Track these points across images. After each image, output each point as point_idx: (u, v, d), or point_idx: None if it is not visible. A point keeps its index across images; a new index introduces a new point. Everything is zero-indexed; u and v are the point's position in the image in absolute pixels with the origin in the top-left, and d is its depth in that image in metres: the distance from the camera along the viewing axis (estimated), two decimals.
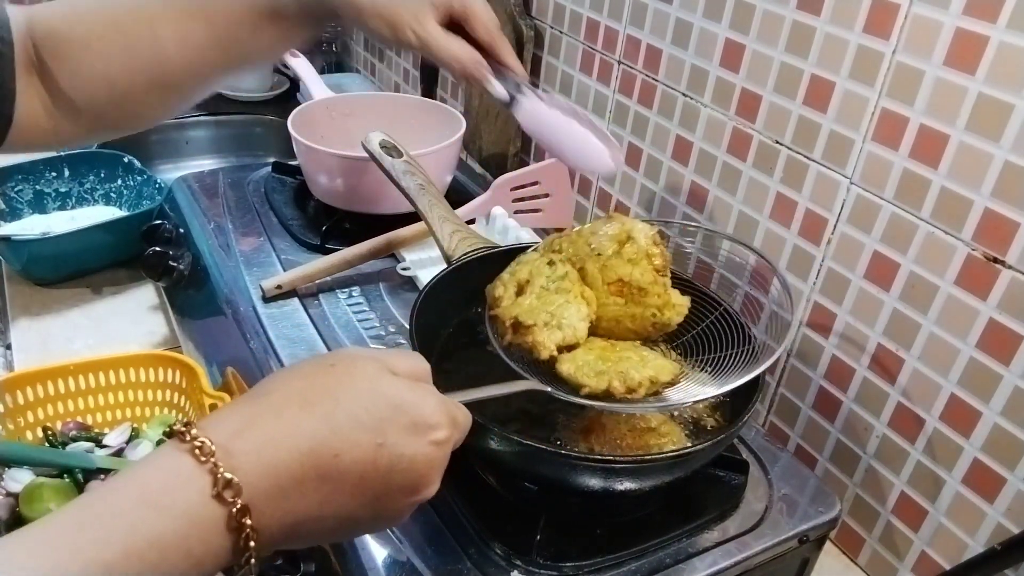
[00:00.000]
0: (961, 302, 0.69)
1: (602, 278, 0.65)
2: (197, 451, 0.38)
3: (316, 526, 0.41)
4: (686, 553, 0.64)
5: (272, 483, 0.39)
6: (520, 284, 0.65)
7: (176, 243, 1.05)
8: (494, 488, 0.68)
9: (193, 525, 0.37)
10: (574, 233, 0.68)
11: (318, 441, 0.40)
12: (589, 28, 1.08)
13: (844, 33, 0.74)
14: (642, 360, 0.61)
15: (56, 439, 0.81)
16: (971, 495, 0.71)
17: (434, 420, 0.44)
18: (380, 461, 0.41)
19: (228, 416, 0.41)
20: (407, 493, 0.43)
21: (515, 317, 0.61)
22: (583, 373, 0.59)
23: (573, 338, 0.62)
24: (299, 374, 0.44)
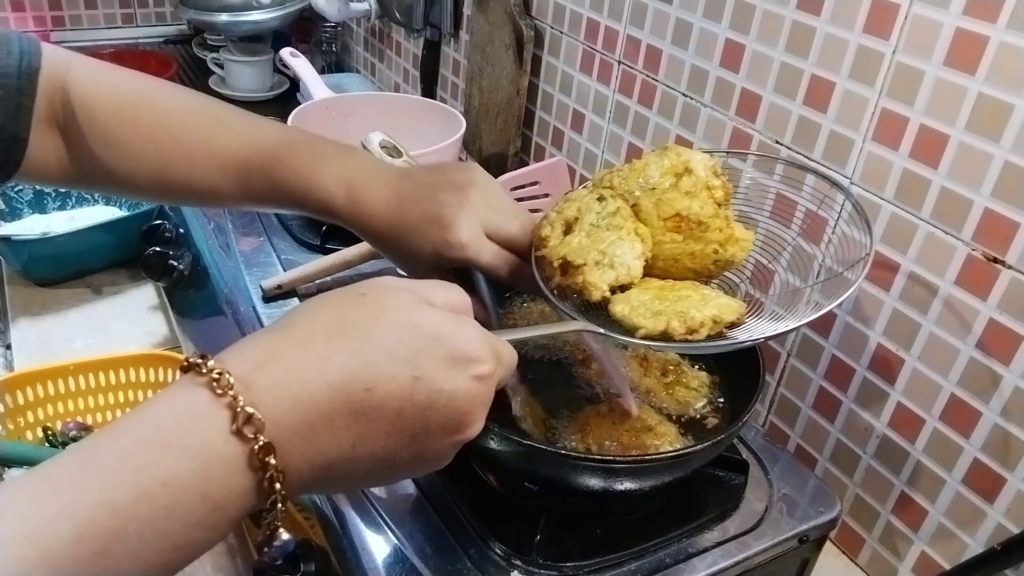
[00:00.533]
0: (961, 302, 0.69)
1: (657, 213, 0.59)
2: (214, 384, 0.35)
3: (350, 467, 0.38)
4: (686, 553, 0.64)
5: (299, 419, 0.36)
6: (568, 222, 0.60)
7: (176, 243, 1.05)
8: (494, 488, 0.68)
9: (210, 464, 0.34)
10: (626, 168, 0.63)
11: (348, 374, 0.37)
12: (589, 28, 1.08)
13: (844, 33, 0.74)
14: (703, 299, 0.56)
15: (56, 439, 0.81)
16: (971, 495, 0.71)
17: (476, 353, 0.40)
18: (417, 396, 0.38)
19: (248, 348, 0.38)
20: (448, 432, 0.40)
21: (563, 257, 0.57)
22: (638, 314, 0.54)
23: (627, 277, 0.56)
24: (327, 305, 0.41)
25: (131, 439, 0.34)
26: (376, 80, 1.79)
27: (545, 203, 1.02)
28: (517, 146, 1.26)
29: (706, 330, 0.53)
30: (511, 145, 1.25)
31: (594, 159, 1.12)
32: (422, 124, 1.12)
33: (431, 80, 1.51)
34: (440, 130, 1.07)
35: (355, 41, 1.86)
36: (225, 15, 1.63)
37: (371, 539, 0.62)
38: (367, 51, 1.81)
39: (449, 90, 1.49)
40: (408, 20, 1.49)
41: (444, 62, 1.48)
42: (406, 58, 1.62)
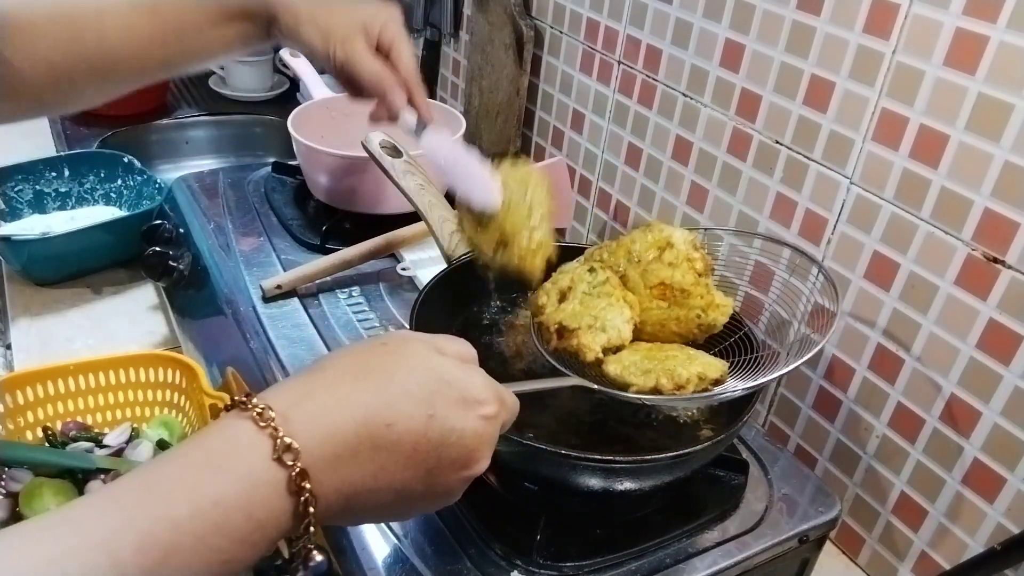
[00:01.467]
0: (961, 302, 0.69)
1: (644, 282, 0.66)
2: (258, 417, 0.39)
3: (372, 498, 0.42)
4: (686, 553, 0.64)
5: (329, 450, 0.40)
6: (562, 291, 0.66)
7: (176, 243, 1.05)
8: (494, 488, 0.68)
9: (255, 487, 0.38)
10: (613, 244, 0.70)
11: (371, 412, 0.41)
12: (589, 28, 1.08)
13: (844, 33, 0.74)
14: (689, 358, 0.61)
15: (56, 439, 0.81)
16: (971, 495, 0.71)
17: (482, 396, 0.45)
18: (431, 433, 0.42)
19: (285, 389, 0.42)
20: (458, 467, 0.44)
21: (559, 322, 0.63)
22: (630, 372, 0.60)
23: (618, 339, 0.63)
24: (352, 352, 0.45)
25: (186, 463, 0.38)
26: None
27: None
28: (517, 146, 1.26)
29: (692, 386, 0.59)
30: (511, 145, 1.25)
31: (594, 159, 1.12)
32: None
33: (431, 80, 1.51)
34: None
35: None
36: None
37: (371, 539, 0.62)
38: None
39: (449, 90, 1.49)
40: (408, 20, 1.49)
41: (444, 62, 1.48)
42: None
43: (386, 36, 0.72)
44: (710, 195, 0.93)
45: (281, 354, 0.81)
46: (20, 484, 0.75)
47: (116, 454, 0.81)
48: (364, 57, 0.70)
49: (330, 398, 0.42)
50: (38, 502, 0.73)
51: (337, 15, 0.71)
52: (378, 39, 0.71)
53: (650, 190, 1.03)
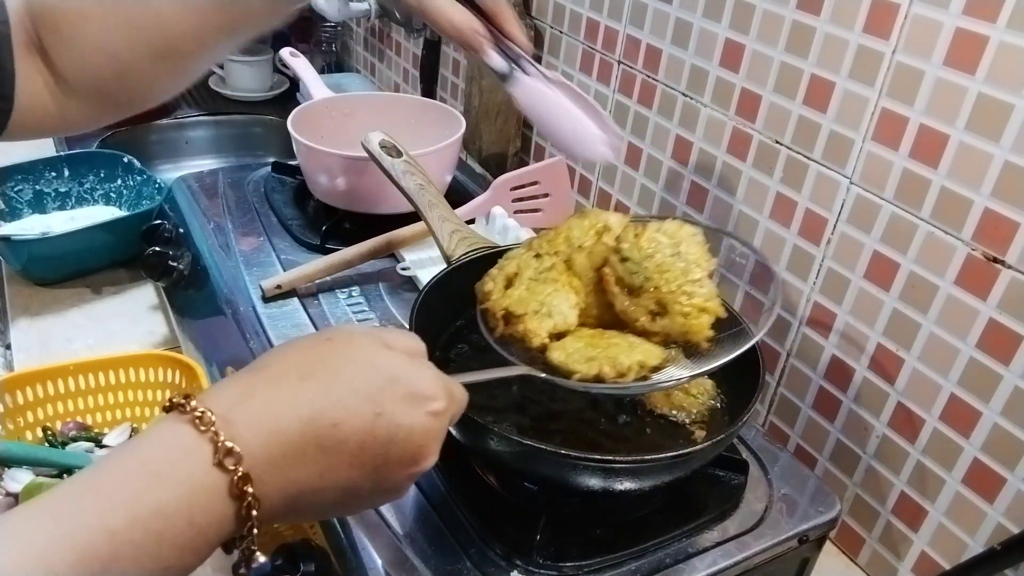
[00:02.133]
0: (961, 302, 0.69)
1: (590, 264, 0.65)
2: (197, 421, 0.38)
3: (317, 498, 0.42)
4: (686, 553, 0.64)
5: (273, 451, 0.39)
6: (508, 277, 0.66)
7: (176, 243, 1.05)
8: (494, 488, 0.68)
9: (195, 493, 0.37)
10: (551, 232, 0.69)
11: (316, 410, 0.40)
12: (589, 28, 1.08)
13: (844, 33, 0.74)
14: (630, 346, 0.61)
15: (56, 439, 0.81)
16: (971, 495, 0.71)
17: (431, 391, 0.44)
18: (378, 431, 0.42)
19: (226, 388, 0.41)
20: (406, 464, 0.44)
21: (506, 308, 0.62)
22: (573, 360, 0.59)
23: (564, 325, 0.62)
24: (296, 348, 0.44)
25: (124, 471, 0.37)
26: (376, 80, 1.79)
27: (545, 203, 1.02)
28: (517, 146, 1.26)
29: (633, 374, 0.59)
30: (511, 145, 1.25)
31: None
32: (422, 124, 1.12)
33: (431, 80, 1.51)
34: (440, 130, 1.07)
35: (355, 41, 1.86)
36: None
37: (371, 539, 0.62)
38: (367, 51, 1.81)
39: (449, 90, 1.49)
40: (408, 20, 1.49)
41: (444, 62, 1.48)
42: (406, 58, 1.62)
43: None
44: (710, 195, 0.93)
45: None
46: (20, 484, 0.75)
47: None
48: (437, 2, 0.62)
49: (274, 397, 0.41)
50: None
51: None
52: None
53: (650, 190, 1.03)
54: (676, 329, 0.61)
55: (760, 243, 0.87)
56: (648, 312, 0.62)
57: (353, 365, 0.43)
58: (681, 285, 0.60)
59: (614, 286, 0.63)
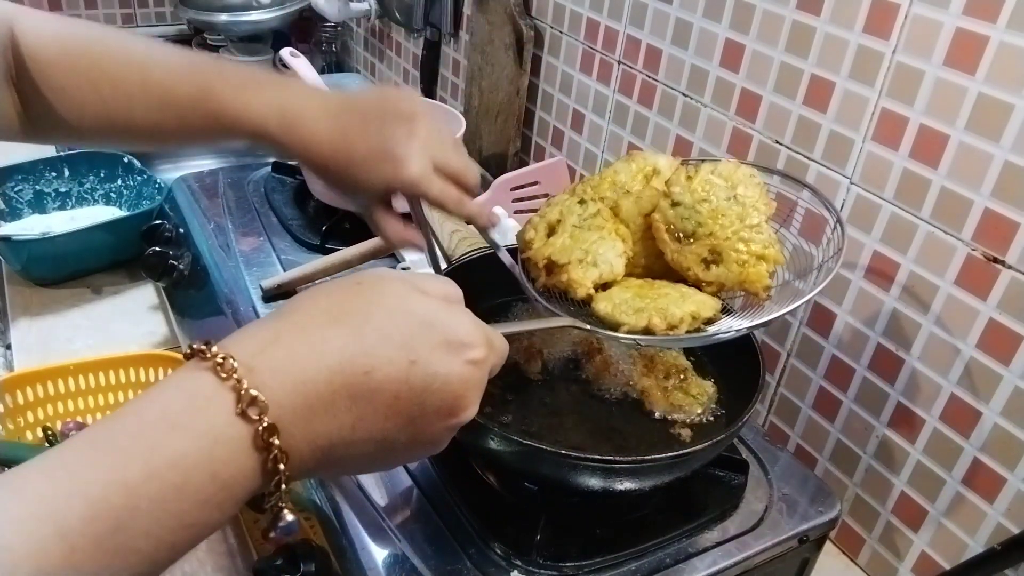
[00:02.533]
0: (961, 302, 0.69)
1: (638, 210, 0.61)
2: (218, 368, 0.36)
3: (350, 451, 0.40)
4: (686, 553, 0.64)
5: (300, 401, 0.37)
6: (551, 225, 0.62)
7: (176, 243, 1.05)
8: (494, 488, 0.68)
9: (217, 445, 0.35)
10: (596, 177, 0.65)
11: (347, 358, 0.38)
12: (589, 28, 1.08)
13: (844, 33, 0.74)
14: (682, 296, 0.58)
15: (56, 439, 0.81)
16: (971, 495, 0.71)
17: (469, 338, 0.42)
18: (413, 379, 0.40)
19: (251, 334, 0.39)
20: (443, 415, 0.41)
21: (548, 257, 0.59)
22: (621, 311, 0.56)
23: (610, 275, 0.59)
24: (324, 292, 0.42)
25: (140, 421, 0.35)
26: (376, 80, 1.79)
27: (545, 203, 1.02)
28: (517, 146, 1.26)
29: (685, 325, 0.55)
30: (511, 145, 1.25)
31: (594, 159, 1.12)
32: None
33: (431, 80, 1.51)
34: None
35: (355, 41, 1.86)
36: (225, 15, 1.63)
37: (371, 539, 0.62)
38: (367, 51, 1.81)
39: (449, 90, 1.49)
40: (408, 20, 1.49)
41: (444, 62, 1.48)
42: (406, 58, 1.62)
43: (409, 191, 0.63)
44: None
45: None
46: None
47: None
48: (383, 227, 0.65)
49: (300, 344, 0.38)
50: None
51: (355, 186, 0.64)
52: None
53: None
54: (732, 278, 0.57)
55: None
56: (701, 260, 0.58)
57: (385, 310, 0.41)
58: (737, 231, 0.56)
59: (664, 233, 0.59)
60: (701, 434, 0.67)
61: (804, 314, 0.84)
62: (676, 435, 0.67)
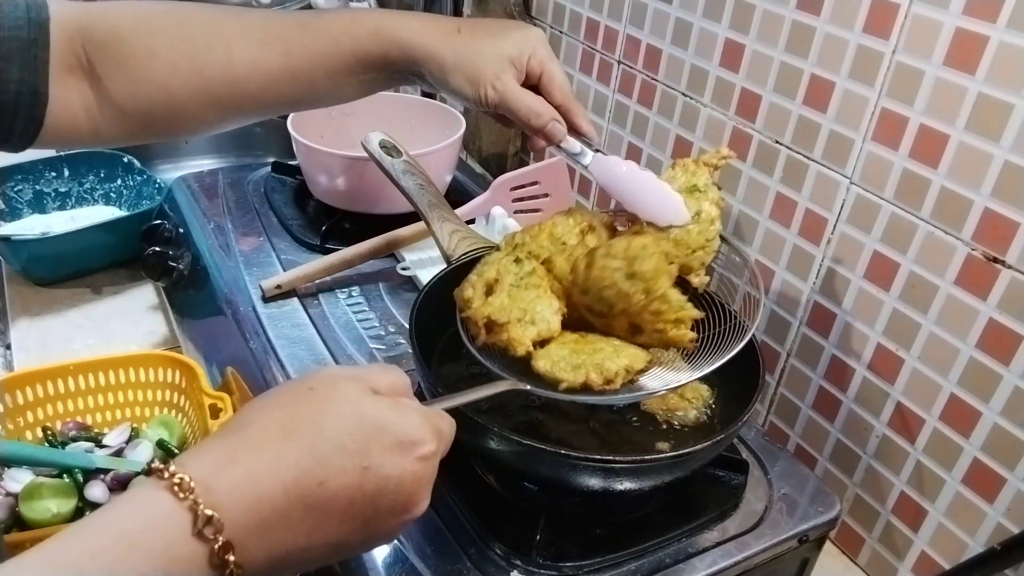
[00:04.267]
0: (961, 302, 0.69)
1: (570, 267, 0.64)
2: (176, 488, 0.37)
3: (305, 555, 0.41)
4: (686, 553, 0.64)
5: (256, 517, 0.38)
6: (488, 284, 0.64)
7: (176, 243, 1.05)
8: (494, 488, 0.68)
9: (174, 564, 0.36)
10: (535, 228, 0.68)
11: (302, 471, 0.40)
12: (589, 28, 1.08)
13: (844, 33, 0.74)
14: (615, 350, 0.60)
15: (56, 439, 0.81)
16: (971, 495, 0.71)
17: (418, 436, 0.43)
18: (367, 485, 0.41)
19: (207, 452, 0.40)
20: (397, 513, 0.43)
21: (488, 316, 0.61)
22: (560, 368, 0.58)
23: (547, 332, 0.61)
24: (278, 403, 0.43)
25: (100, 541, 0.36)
26: None
27: (545, 203, 1.02)
28: (517, 146, 1.26)
29: (620, 379, 0.58)
30: (511, 145, 1.25)
31: None
32: (422, 124, 1.12)
33: None
34: (440, 130, 1.07)
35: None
36: None
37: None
38: None
39: None
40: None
41: None
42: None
43: (535, 64, 0.66)
44: None
45: (281, 354, 0.81)
46: (20, 484, 0.75)
47: (116, 454, 0.81)
48: (516, 95, 0.65)
49: (256, 460, 0.39)
50: (38, 502, 0.73)
51: (482, 54, 0.65)
52: (527, 69, 0.66)
53: None
54: (658, 342, 0.61)
55: (760, 243, 0.87)
56: (625, 330, 0.61)
57: (338, 417, 0.42)
58: (646, 306, 0.59)
59: (586, 312, 0.63)
60: (699, 434, 0.67)
61: (804, 314, 0.84)
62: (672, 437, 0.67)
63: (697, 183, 0.67)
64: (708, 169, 0.68)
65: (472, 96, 0.65)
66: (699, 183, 0.67)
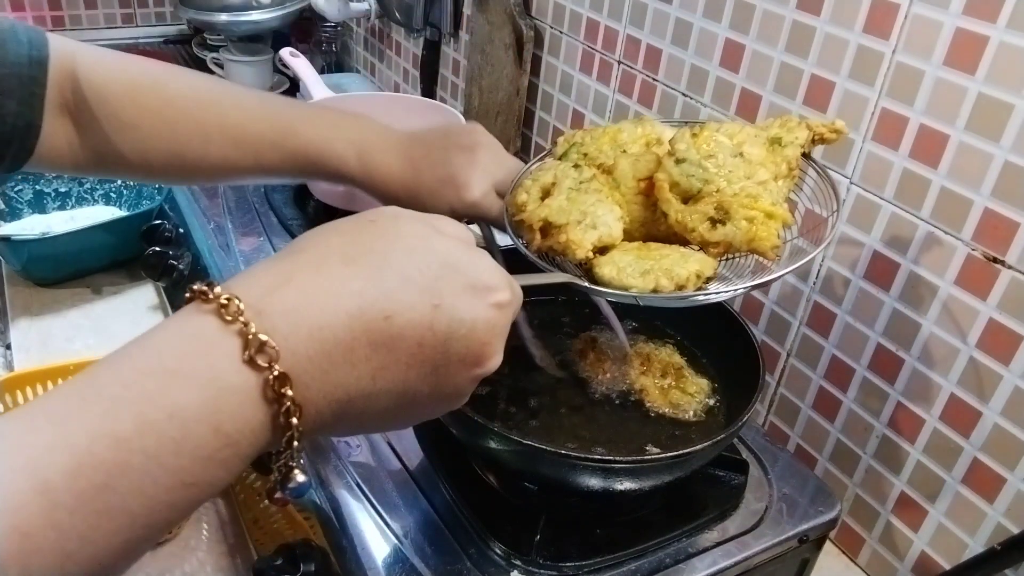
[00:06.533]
0: (961, 302, 0.69)
1: (633, 172, 0.59)
2: (222, 310, 0.32)
3: (369, 403, 0.36)
4: (686, 553, 0.64)
5: (316, 348, 0.34)
6: (544, 188, 0.59)
7: (176, 243, 1.05)
8: (494, 488, 0.68)
9: (221, 395, 0.32)
10: (597, 130, 0.63)
11: (367, 301, 0.35)
12: (589, 28, 1.08)
13: (844, 33, 0.74)
14: (683, 256, 0.55)
15: None
16: (971, 495, 0.71)
17: (493, 281, 0.39)
18: (438, 325, 0.37)
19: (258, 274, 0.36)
20: (469, 364, 0.39)
21: (544, 218, 0.56)
22: (626, 274, 0.53)
23: (608, 238, 0.56)
24: (336, 230, 0.39)
25: (134, 367, 0.32)
26: (376, 80, 1.79)
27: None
28: (517, 146, 1.26)
29: (692, 285, 0.53)
30: (511, 145, 1.25)
31: None
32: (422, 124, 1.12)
33: (431, 80, 1.51)
34: None
35: (355, 41, 1.86)
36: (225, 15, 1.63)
37: (371, 539, 0.62)
38: (367, 51, 1.81)
39: (449, 90, 1.49)
40: (408, 20, 1.49)
41: (444, 62, 1.48)
42: (406, 58, 1.62)
43: None
44: None
45: None
46: None
47: None
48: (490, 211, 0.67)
49: (315, 286, 0.35)
50: None
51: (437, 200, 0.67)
52: None
53: None
54: (740, 236, 0.53)
55: None
56: (707, 219, 0.54)
57: (404, 250, 0.37)
58: (745, 187, 0.53)
59: (668, 192, 0.56)
60: (701, 433, 0.67)
61: (804, 314, 0.84)
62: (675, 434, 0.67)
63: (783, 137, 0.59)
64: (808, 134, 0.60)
65: None
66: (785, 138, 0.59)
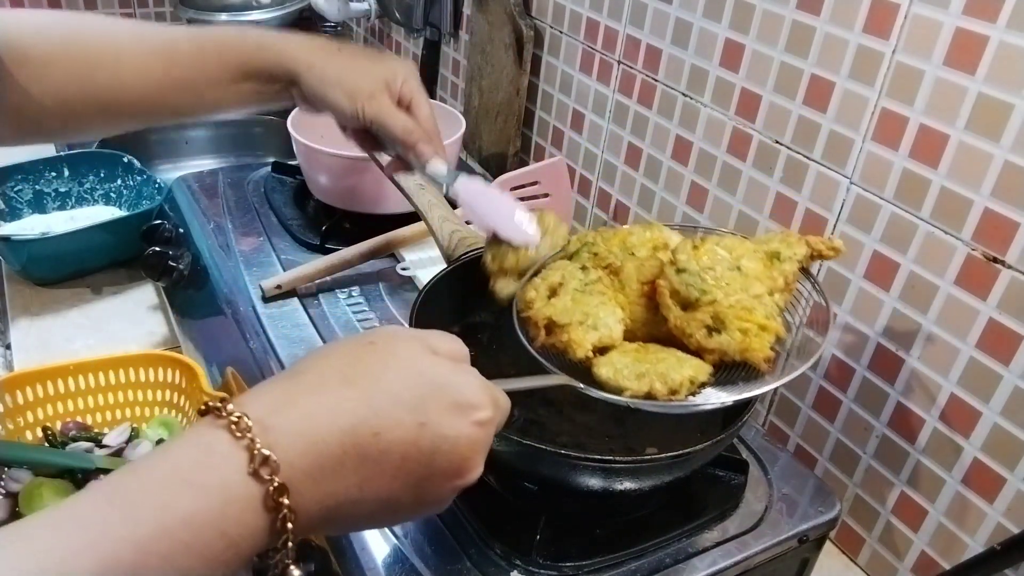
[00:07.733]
0: (961, 302, 0.69)
1: (638, 276, 0.63)
2: (233, 427, 0.37)
3: (356, 509, 0.40)
4: (686, 553, 0.64)
5: (311, 462, 0.38)
6: (552, 287, 0.63)
7: (176, 243, 1.05)
8: (494, 488, 0.68)
9: (228, 503, 0.35)
10: (609, 232, 0.68)
11: (358, 419, 0.39)
12: (589, 28, 1.08)
13: (844, 33, 0.74)
14: (679, 361, 0.58)
15: (56, 439, 0.81)
16: (971, 495, 0.71)
17: (476, 400, 0.43)
18: (422, 442, 0.40)
19: (265, 393, 0.40)
20: (450, 477, 0.42)
21: (549, 317, 0.60)
22: (623, 376, 0.57)
23: (609, 339, 0.60)
24: (338, 352, 0.43)
25: (154, 477, 0.36)
26: None
27: (545, 203, 1.02)
28: (517, 146, 1.26)
29: (685, 390, 0.56)
30: (511, 145, 1.25)
31: (594, 159, 1.12)
32: None
33: (431, 80, 1.51)
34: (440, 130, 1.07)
35: (355, 41, 1.86)
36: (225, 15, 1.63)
37: (371, 539, 0.62)
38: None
39: (449, 90, 1.49)
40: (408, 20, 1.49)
41: (444, 62, 1.48)
42: (406, 58, 1.62)
43: (406, 91, 0.74)
44: (710, 195, 0.93)
45: (281, 354, 0.81)
46: (20, 484, 0.75)
47: (116, 454, 0.81)
48: (392, 112, 0.73)
49: (314, 405, 0.39)
50: (37, 502, 0.73)
51: (360, 74, 0.73)
52: (399, 94, 0.74)
53: (650, 190, 1.03)
54: (734, 346, 0.57)
55: None
56: (704, 327, 0.58)
57: (396, 372, 0.41)
58: (740, 300, 0.57)
59: (668, 298, 0.60)
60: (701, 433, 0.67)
61: (804, 314, 0.84)
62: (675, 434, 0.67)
63: (782, 252, 0.63)
64: (807, 250, 0.64)
65: (349, 110, 0.72)
66: (783, 253, 0.63)
